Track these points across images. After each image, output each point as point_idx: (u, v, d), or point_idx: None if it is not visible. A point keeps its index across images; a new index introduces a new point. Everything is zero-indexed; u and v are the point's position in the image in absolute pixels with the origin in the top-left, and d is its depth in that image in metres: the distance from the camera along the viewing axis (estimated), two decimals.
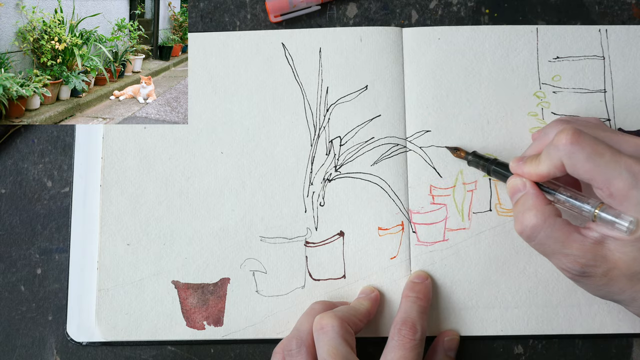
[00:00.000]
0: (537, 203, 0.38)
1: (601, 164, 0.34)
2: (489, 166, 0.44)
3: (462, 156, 0.46)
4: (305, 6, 0.49)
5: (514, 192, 0.40)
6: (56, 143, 0.49)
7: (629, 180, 0.34)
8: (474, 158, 0.45)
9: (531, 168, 0.39)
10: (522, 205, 0.39)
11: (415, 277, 0.45)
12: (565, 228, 0.37)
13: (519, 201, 0.39)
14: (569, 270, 0.37)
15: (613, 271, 0.35)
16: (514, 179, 0.40)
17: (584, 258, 0.36)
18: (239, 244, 0.47)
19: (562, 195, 0.38)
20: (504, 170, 0.42)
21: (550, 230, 0.37)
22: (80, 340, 0.46)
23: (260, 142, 0.48)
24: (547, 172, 0.38)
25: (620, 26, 0.49)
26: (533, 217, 0.37)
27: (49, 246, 0.48)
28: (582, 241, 0.36)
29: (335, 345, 0.39)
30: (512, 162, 0.41)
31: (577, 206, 0.37)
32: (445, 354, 0.44)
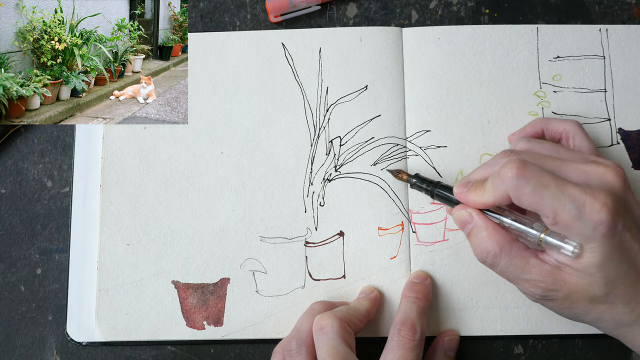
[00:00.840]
0: (491, 232, 0.38)
1: (546, 195, 0.35)
2: (432, 189, 0.43)
3: (405, 179, 0.45)
4: (305, 6, 0.49)
5: (463, 224, 0.40)
6: (56, 143, 0.49)
7: (573, 212, 0.34)
8: (417, 181, 0.44)
9: (476, 197, 0.39)
10: (476, 237, 0.39)
11: (414, 277, 0.45)
12: (523, 254, 0.37)
13: (471, 233, 0.39)
14: (532, 295, 0.38)
15: (573, 295, 0.36)
16: (460, 212, 0.40)
17: (544, 282, 0.36)
18: (239, 244, 0.47)
19: (507, 220, 0.38)
20: (447, 194, 0.42)
21: (509, 258, 0.37)
22: (80, 340, 0.46)
23: (260, 142, 0.48)
24: (493, 202, 0.38)
25: (620, 26, 0.49)
26: (490, 246, 0.38)
27: (49, 246, 0.48)
28: (540, 266, 0.37)
29: (335, 346, 0.39)
30: (456, 187, 0.40)
31: (522, 230, 0.37)
32: (445, 354, 0.44)
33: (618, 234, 0.34)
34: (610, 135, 0.48)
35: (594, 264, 0.35)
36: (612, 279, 0.35)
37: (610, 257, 0.34)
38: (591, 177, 0.36)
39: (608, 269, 0.35)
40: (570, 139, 0.42)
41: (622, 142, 0.48)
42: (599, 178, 0.36)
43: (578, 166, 0.37)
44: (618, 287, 0.35)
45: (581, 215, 0.34)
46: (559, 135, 0.43)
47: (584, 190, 0.34)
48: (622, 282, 0.35)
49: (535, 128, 0.44)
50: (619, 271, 0.35)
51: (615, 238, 0.34)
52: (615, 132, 0.48)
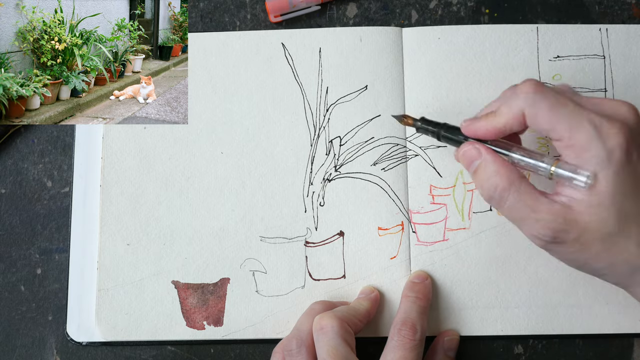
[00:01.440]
0: (499, 167, 0.36)
1: (564, 113, 0.34)
2: (438, 131, 0.40)
3: (410, 123, 0.42)
4: (305, 6, 0.49)
5: (470, 161, 0.38)
6: (56, 143, 0.49)
7: (591, 131, 0.33)
8: (423, 124, 0.41)
9: (487, 123, 0.37)
10: (484, 173, 0.37)
11: (414, 277, 0.45)
12: (533, 192, 0.35)
13: (478, 169, 0.37)
14: (541, 237, 0.35)
15: (585, 235, 0.34)
16: (468, 147, 0.38)
17: (555, 222, 0.34)
18: (239, 244, 0.47)
19: (517, 155, 0.36)
20: (455, 135, 0.39)
21: (518, 194, 0.35)
22: (80, 340, 0.46)
23: (260, 142, 0.48)
24: (504, 125, 0.36)
25: (620, 25, 0.49)
26: (499, 181, 0.36)
27: (49, 246, 0.48)
28: (550, 205, 0.34)
29: (335, 346, 0.39)
30: (464, 121, 0.38)
31: (532, 165, 0.36)
32: (445, 354, 0.44)
33: (633, 163, 0.33)
34: None
35: (608, 193, 0.33)
36: (626, 212, 0.33)
37: (624, 187, 0.33)
38: (605, 108, 0.35)
39: (622, 200, 0.33)
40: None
41: None
42: (613, 109, 0.35)
43: (590, 99, 0.36)
44: (631, 224, 0.33)
45: (599, 136, 0.33)
46: None
47: (600, 114, 0.33)
48: (636, 218, 0.33)
49: None
50: (633, 204, 0.33)
51: (630, 166, 0.33)
52: None
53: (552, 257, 0.45)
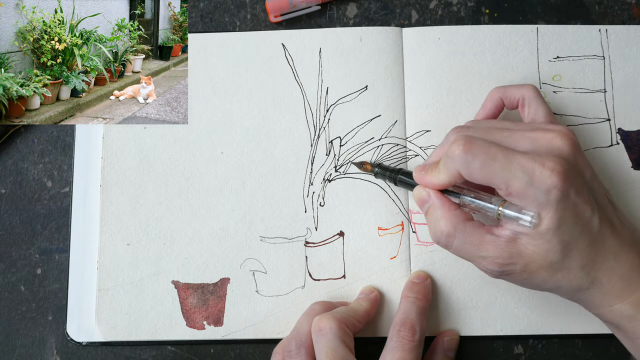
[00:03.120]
0: (445, 212, 0.38)
1: (496, 168, 0.35)
2: (394, 176, 0.44)
3: (369, 170, 0.46)
4: (305, 6, 0.49)
5: (421, 203, 0.40)
6: (56, 143, 0.49)
7: (524, 179, 0.34)
8: (380, 170, 0.45)
9: (433, 178, 0.39)
10: (431, 216, 0.39)
11: (414, 277, 0.45)
12: (477, 231, 0.37)
13: (428, 212, 0.39)
14: (490, 272, 0.37)
15: (530, 265, 0.36)
16: (419, 190, 0.40)
17: (501, 258, 0.36)
18: (239, 244, 0.47)
19: (467, 198, 0.38)
20: (410, 180, 0.42)
21: (463, 236, 0.37)
22: (80, 340, 0.46)
23: (260, 142, 0.48)
24: (448, 182, 0.38)
25: (620, 26, 0.49)
26: (444, 226, 0.38)
27: (49, 246, 0.48)
28: (495, 241, 0.36)
29: (334, 347, 0.39)
30: (415, 171, 0.41)
31: (481, 206, 0.37)
32: (445, 354, 0.44)
33: (571, 197, 0.35)
34: (610, 135, 0.48)
35: (550, 229, 0.35)
36: (567, 243, 0.35)
37: (565, 220, 0.35)
38: (539, 143, 0.36)
39: (563, 232, 0.35)
40: (526, 105, 0.42)
41: (622, 142, 0.48)
42: (547, 144, 0.36)
43: (525, 134, 0.37)
44: (573, 251, 0.35)
45: (532, 182, 0.34)
46: (516, 102, 0.43)
47: (531, 157, 0.35)
48: (577, 246, 0.35)
49: (494, 97, 0.44)
50: (573, 234, 0.35)
51: (568, 201, 0.34)
52: (615, 132, 0.48)
53: None
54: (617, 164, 0.47)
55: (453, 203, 0.39)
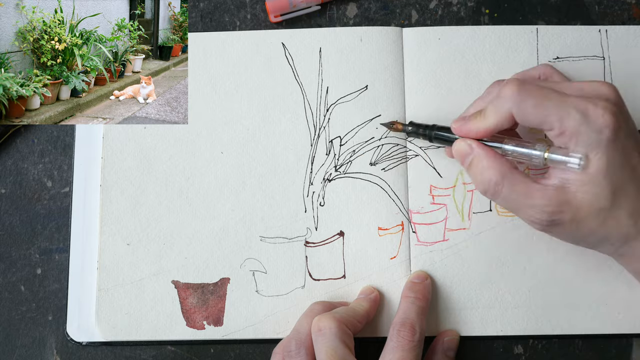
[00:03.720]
0: (491, 161, 0.38)
1: (550, 106, 0.35)
2: (430, 133, 0.43)
3: (400, 129, 0.45)
4: (305, 6, 0.49)
5: (463, 156, 0.39)
6: (56, 143, 0.49)
7: (578, 117, 0.34)
8: (413, 128, 0.44)
9: (477, 124, 0.38)
10: (476, 167, 0.38)
11: (414, 277, 0.45)
12: (525, 180, 0.37)
13: (471, 164, 0.39)
14: (538, 222, 0.37)
15: (579, 213, 0.36)
16: (459, 143, 0.39)
17: (550, 206, 0.36)
18: (239, 244, 0.47)
19: (509, 146, 0.38)
20: (447, 134, 0.42)
21: (512, 185, 0.37)
22: (80, 340, 0.46)
23: (260, 142, 0.48)
24: (495, 126, 0.38)
25: (620, 26, 0.49)
26: (492, 175, 0.37)
27: (49, 246, 0.48)
28: (544, 190, 0.36)
29: (334, 347, 0.39)
30: (455, 123, 0.40)
31: (525, 154, 0.37)
32: (445, 354, 0.44)
33: (621, 140, 0.35)
34: None
35: (600, 171, 0.35)
36: (616, 187, 0.35)
37: (615, 162, 0.35)
38: (586, 90, 0.36)
39: (612, 175, 0.35)
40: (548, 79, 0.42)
41: None
42: (594, 90, 0.36)
43: (572, 84, 0.37)
44: (621, 197, 0.35)
45: (586, 120, 0.34)
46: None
47: (584, 98, 0.35)
48: (625, 191, 0.35)
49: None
50: (622, 178, 0.35)
51: (618, 142, 0.35)
52: None
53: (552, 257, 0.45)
54: None
55: (498, 153, 0.38)
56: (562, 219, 0.36)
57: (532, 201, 0.36)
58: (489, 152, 0.38)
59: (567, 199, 0.36)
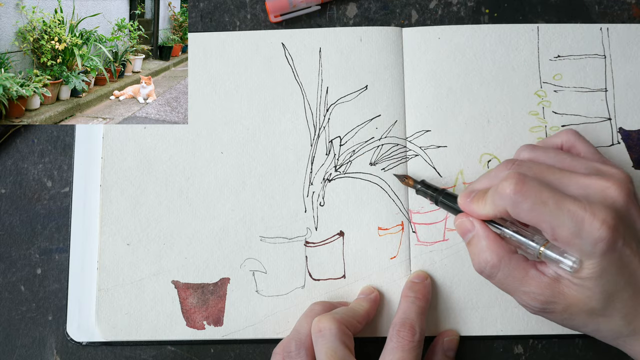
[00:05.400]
0: (490, 242, 0.38)
1: (544, 212, 0.34)
2: (436, 197, 0.43)
3: (411, 185, 0.45)
4: (305, 6, 0.49)
5: (464, 232, 0.40)
6: (56, 143, 0.49)
7: (572, 228, 0.34)
8: (422, 187, 0.44)
9: (478, 208, 0.38)
10: (475, 246, 0.39)
11: (414, 277, 0.45)
12: (522, 265, 0.37)
13: (471, 241, 0.39)
14: (530, 307, 0.37)
15: (572, 307, 0.36)
16: (462, 220, 0.40)
17: (543, 295, 0.36)
18: (239, 244, 0.47)
19: (509, 232, 0.38)
20: (451, 203, 0.42)
21: (508, 269, 0.37)
22: (80, 340, 0.46)
23: (260, 142, 0.48)
24: (493, 215, 0.37)
25: (621, 25, 0.49)
26: (489, 257, 0.38)
27: (49, 246, 0.48)
28: (539, 278, 0.36)
29: (334, 348, 0.39)
30: (461, 197, 0.40)
31: (523, 243, 0.37)
32: (445, 354, 0.44)
33: (618, 250, 0.34)
34: (611, 134, 0.48)
35: (592, 279, 0.34)
36: (610, 292, 0.35)
37: (609, 271, 0.34)
38: (592, 191, 0.35)
39: (606, 283, 0.34)
40: (570, 148, 0.41)
41: (623, 141, 0.47)
42: (600, 192, 0.35)
43: (579, 179, 0.36)
44: (615, 300, 0.35)
45: (580, 232, 0.33)
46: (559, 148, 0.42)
47: (583, 206, 0.34)
48: (620, 295, 0.35)
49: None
50: (617, 285, 0.35)
51: (614, 254, 0.34)
52: (615, 131, 0.48)
53: None
54: (618, 163, 0.47)
55: (497, 234, 0.38)
56: (554, 308, 0.36)
57: (526, 288, 0.37)
58: (489, 233, 0.38)
59: (562, 291, 0.36)
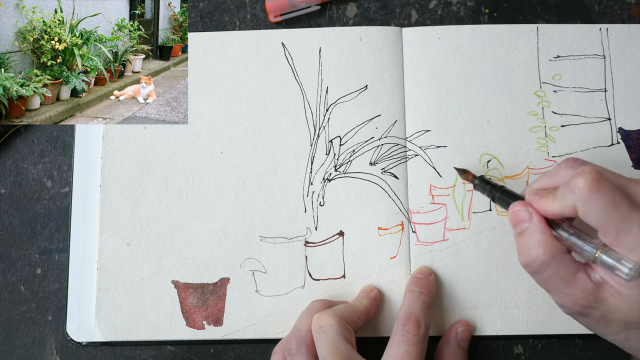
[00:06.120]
0: (545, 239, 0.36)
1: (615, 217, 0.33)
2: (494, 193, 0.42)
3: (470, 179, 0.44)
4: (305, 6, 0.49)
5: (518, 222, 0.38)
6: (56, 143, 0.49)
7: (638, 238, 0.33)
8: (480, 183, 0.43)
9: (546, 204, 0.37)
10: (528, 239, 0.37)
11: (418, 272, 0.45)
12: (571, 267, 0.36)
13: (524, 233, 0.37)
14: (568, 309, 0.37)
15: (610, 315, 0.35)
16: (519, 208, 0.38)
17: (585, 300, 0.35)
18: (238, 244, 0.47)
19: (565, 232, 0.36)
20: (510, 199, 0.40)
21: (557, 269, 0.36)
22: (80, 340, 0.46)
23: (260, 142, 0.48)
24: (561, 212, 0.36)
25: (620, 25, 0.49)
26: (541, 254, 0.36)
27: (48, 246, 0.48)
28: (585, 282, 0.35)
29: (335, 344, 0.39)
30: (528, 195, 0.38)
31: (579, 245, 0.36)
32: (458, 345, 0.44)
33: None
34: (611, 134, 0.48)
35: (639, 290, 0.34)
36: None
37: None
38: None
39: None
40: None
41: (622, 141, 0.48)
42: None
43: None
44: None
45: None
46: None
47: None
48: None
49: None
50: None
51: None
52: (615, 131, 0.48)
53: None
54: (617, 163, 0.47)
55: (552, 233, 0.37)
56: (591, 314, 0.35)
57: (570, 290, 0.35)
58: (546, 228, 0.36)
59: (604, 298, 0.35)
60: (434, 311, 0.45)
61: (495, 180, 0.44)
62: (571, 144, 0.47)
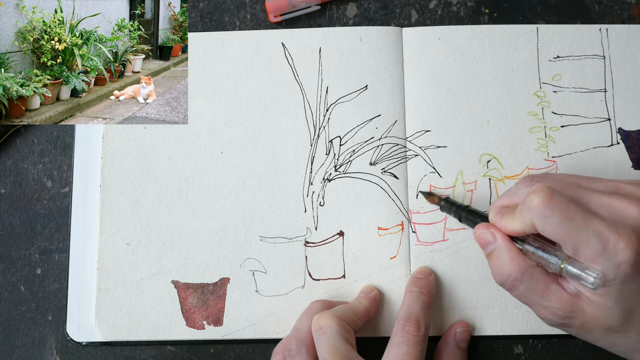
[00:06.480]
0: (512, 256, 0.37)
1: (571, 229, 0.34)
2: (460, 213, 0.43)
3: (436, 202, 0.45)
4: (305, 6, 0.49)
5: (484, 244, 0.39)
6: (56, 143, 0.49)
7: (596, 248, 0.33)
8: (446, 204, 0.44)
9: (507, 224, 0.38)
10: (497, 259, 0.38)
11: (418, 272, 0.45)
12: (544, 279, 0.37)
13: (492, 254, 0.39)
14: (548, 320, 0.37)
15: (590, 324, 0.36)
16: (482, 231, 0.39)
17: (562, 310, 0.36)
18: (238, 243, 0.47)
19: (531, 247, 0.37)
20: (476, 219, 0.41)
21: (529, 283, 0.37)
22: (80, 340, 0.46)
23: (260, 142, 0.48)
24: (522, 231, 0.37)
25: (620, 25, 0.49)
26: (512, 270, 0.37)
27: (48, 246, 0.48)
28: (560, 293, 0.36)
29: (335, 345, 0.39)
30: (491, 215, 0.39)
31: (545, 258, 0.37)
32: (457, 346, 0.44)
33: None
34: (610, 135, 0.48)
35: (612, 298, 0.34)
36: (629, 311, 0.35)
37: (629, 292, 0.34)
38: (613, 210, 0.35)
39: (625, 302, 0.34)
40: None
41: (622, 142, 0.48)
42: (621, 212, 0.35)
43: (600, 198, 0.35)
44: (633, 318, 0.35)
45: (604, 252, 0.33)
46: None
47: (609, 226, 0.33)
48: (638, 313, 0.35)
49: None
50: (635, 304, 0.34)
51: (637, 274, 0.34)
52: (615, 132, 0.48)
53: None
54: (617, 163, 0.47)
55: (518, 248, 0.38)
56: (572, 323, 0.36)
57: (546, 302, 0.36)
58: (512, 246, 0.38)
59: (581, 307, 0.35)
60: (434, 311, 0.45)
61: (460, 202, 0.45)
62: (571, 144, 0.47)
